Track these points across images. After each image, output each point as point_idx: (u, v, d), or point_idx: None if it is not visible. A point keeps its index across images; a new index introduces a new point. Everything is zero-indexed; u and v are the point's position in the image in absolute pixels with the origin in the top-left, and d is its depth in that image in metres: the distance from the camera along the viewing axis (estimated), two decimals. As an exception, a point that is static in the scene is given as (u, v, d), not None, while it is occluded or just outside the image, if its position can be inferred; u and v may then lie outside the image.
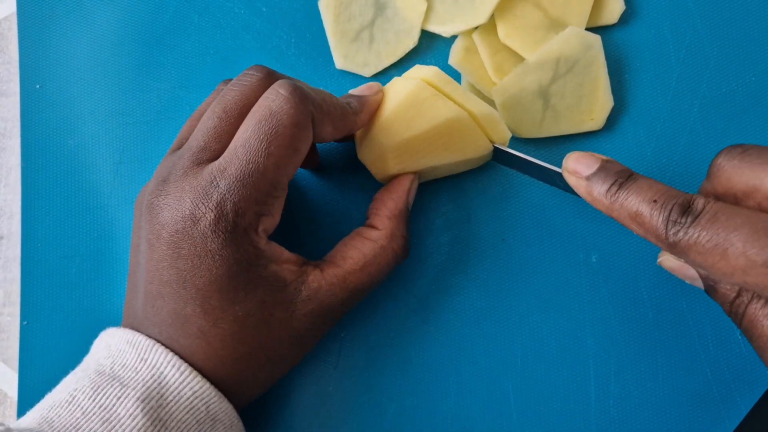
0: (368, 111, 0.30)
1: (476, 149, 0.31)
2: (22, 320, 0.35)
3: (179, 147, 0.29)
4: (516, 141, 0.34)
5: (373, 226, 0.30)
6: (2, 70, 0.40)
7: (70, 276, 0.36)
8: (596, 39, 0.32)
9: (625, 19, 0.34)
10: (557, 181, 0.29)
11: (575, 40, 0.32)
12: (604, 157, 0.25)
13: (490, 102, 0.34)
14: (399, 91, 0.30)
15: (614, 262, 0.33)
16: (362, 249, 0.29)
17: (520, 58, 0.34)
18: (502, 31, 0.33)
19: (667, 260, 0.25)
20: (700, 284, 0.24)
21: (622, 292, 0.32)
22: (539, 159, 0.30)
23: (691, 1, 0.34)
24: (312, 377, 0.33)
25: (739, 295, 0.23)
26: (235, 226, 0.25)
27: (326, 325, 0.29)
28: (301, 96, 0.26)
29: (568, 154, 0.26)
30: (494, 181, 0.34)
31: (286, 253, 0.28)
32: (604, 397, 0.32)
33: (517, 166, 0.32)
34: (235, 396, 0.27)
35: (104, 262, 0.36)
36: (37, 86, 0.38)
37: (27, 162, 0.37)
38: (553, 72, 0.32)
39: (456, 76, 0.35)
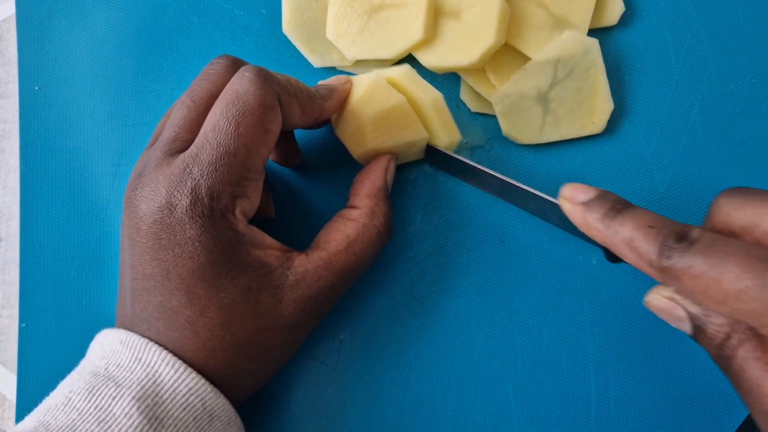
0: (337, 98, 0.31)
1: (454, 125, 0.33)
2: (20, 322, 0.35)
3: (154, 143, 0.29)
4: (517, 147, 0.34)
5: (353, 206, 0.30)
6: (1, 71, 0.40)
7: (69, 278, 0.35)
8: (594, 43, 0.32)
9: (625, 20, 0.34)
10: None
11: (572, 45, 0.32)
12: (601, 189, 0.26)
13: (488, 104, 0.34)
14: (374, 74, 0.31)
15: (614, 264, 0.33)
16: (344, 230, 0.29)
17: (520, 60, 0.34)
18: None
19: (655, 299, 0.25)
20: (687, 327, 0.24)
21: (622, 294, 0.32)
22: (536, 165, 0.30)
23: (691, 3, 0.34)
24: (311, 378, 0.33)
25: (728, 337, 0.22)
26: (211, 210, 0.25)
27: (317, 313, 0.29)
28: (265, 77, 0.27)
29: (565, 184, 0.26)
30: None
31: (269, 239, 0.28)
32: (605, 400, 0.32)
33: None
34: (230, 390, 0.27)
35: (103, 264, 0.35)
36: (36, 88, 0.38)
37: (26, 164, 0.37)
38: (551, 77, 0.32)
39: (455, 78, 0.35)
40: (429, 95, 0.31)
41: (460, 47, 0.31)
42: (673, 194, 0.33)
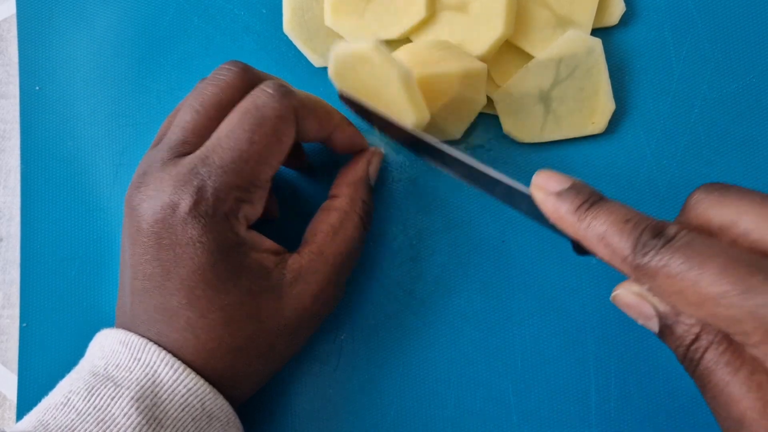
0: (354, 136, 0.31)
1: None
2: (21, 322, 0.35)
3: (159, 143, 0.29)
4: (517, 146, 0.34)
5: (334, 196, 0.31)
6: (1, 71, 0.40)
7: (69, 278, 0.35)
8: (597, 43, 0.32)
9: (625, 20, 0.34)
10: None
11: (576, 44, 0.32)
12: (575, 179, 0.25)
13: (489, 102, 0.34)
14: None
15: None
16: (328, 220, 0.29)
17: (522, 59, 0.33)
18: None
19: (625, 294, 0.23)
20: (653, 325, 0.22)
21: (623, 294, 0.32)
22: (537, 164, 0.29)
23: (692, 3, 0.34)
24: (312, 379, 0.33)
25: (697, 338, 0.21)
26: (215, 210, 0.25)
27: (317, 313, 0.29)
28: (285, 92, 0.27)
29: (538, 171, 0.25)
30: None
31: (267, 242, 0.28)
32: (605, 399, 0.32)
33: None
34: (229, 391, 0.27)
35: (104, 264, 0.35)
36: (37, 88, 0.38)
37: (26, 164, 0.37)
38: (553, 76, 0.32)
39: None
40: (396, 70, 0.28)
41: (467, 40, 0.31)
42: (673, 194, 0.33)
